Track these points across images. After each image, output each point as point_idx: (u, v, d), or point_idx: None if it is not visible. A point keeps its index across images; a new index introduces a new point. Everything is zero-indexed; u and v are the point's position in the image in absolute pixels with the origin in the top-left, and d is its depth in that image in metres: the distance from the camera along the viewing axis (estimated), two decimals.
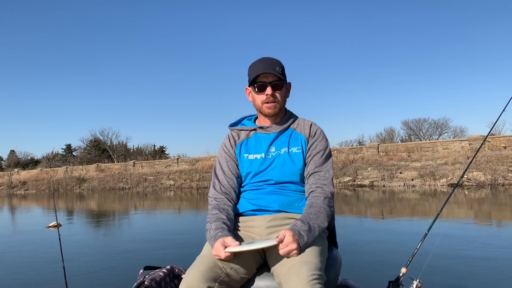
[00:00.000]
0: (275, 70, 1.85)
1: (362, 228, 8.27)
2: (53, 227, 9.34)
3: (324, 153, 1.89)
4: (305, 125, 1.96)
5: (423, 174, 20.14)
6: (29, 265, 5.38)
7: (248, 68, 1.94)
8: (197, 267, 1.53)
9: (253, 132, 1.98)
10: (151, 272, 1.97)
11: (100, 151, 50.57)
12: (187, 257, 5.25)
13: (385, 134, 44.59)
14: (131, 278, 2.26)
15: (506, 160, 18.68)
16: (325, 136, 1.95)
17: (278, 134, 1.93)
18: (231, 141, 1.99)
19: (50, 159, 52.58)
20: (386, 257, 5.18)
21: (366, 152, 25.87)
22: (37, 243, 7.28)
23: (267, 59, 1.91)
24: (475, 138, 22.51)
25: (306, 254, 1.54)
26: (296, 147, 1.90)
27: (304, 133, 1.93)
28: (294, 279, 1.42)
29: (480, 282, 3.95)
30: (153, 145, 54.62)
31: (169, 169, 32.83)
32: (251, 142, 1.96)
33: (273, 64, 1.87)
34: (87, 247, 6.90)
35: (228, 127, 2.08)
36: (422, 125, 43.93)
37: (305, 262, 1.49)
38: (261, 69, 1.85)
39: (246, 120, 2.07)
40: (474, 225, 8.13)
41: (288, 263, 1.51)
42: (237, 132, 2.02)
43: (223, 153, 1.98)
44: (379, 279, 3.80)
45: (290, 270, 1.47)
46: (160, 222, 10.65)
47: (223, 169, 1.94)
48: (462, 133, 41.15)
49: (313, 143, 1.90)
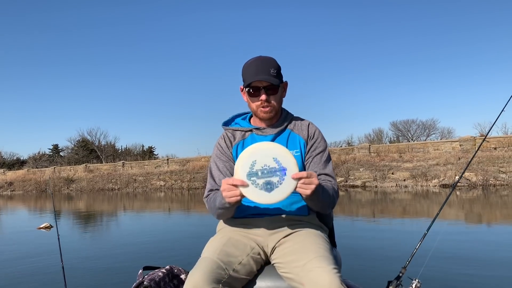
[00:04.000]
0: (269, 74, 1.77)
1: (361, 228, 8.26)
2: (45, 228, 9.12)
3: (324, 154, 1.87)
4: (302, 125, 1.92)
5: (415, 174, 20.25)
6: (27, 267, 5.23)
7: (242, 67, 1.85)
8: (201, 268, 1.50)
9: (249, 133, 1.92)
10: (150, 272, 1.97)
11: (88, 152, 49.95)
12: (187, 257, 5.19)
13: (373, 135, 44.88)
14: (130, 278, 2.24)
15: (497, 161, 18.90)
16: (323, 136, 1.93)
17: (275, 136, 1.87)
18: (227, 142, 1.93)
19: (37, 160, 51.73)
20: (385, 257, 5.21)
21: (358, 152, 25.96)
22: (30, 245, 7.10)
23: (262, 60, 1.81)
24: (466, 139, 22.77)
25: (322, 249, 1.58)
26: (294, 150, 1.86)
27: (302, 135, 1.89)
28: (318, 271, 1.44)
29: (480, 282, 3.98)
30: (142, 146, 54.18)
31: (159, 169, 32.55)
32: (247, 144, 1.88)
33: (267, 67, 1.78)
34: (83, 247, 6.83)
35: (222, 126, 2.01)
36: (410, 126, 44.33)
37: (323, 257, 1.52)
38: (254, 73, 1.77)
39: (240, 119, 2.00)
40: (473, 225, 8.20)
41: (305, 258, 1.52)
42: (232, 132, 1.95)
43: (219, 153, 1.92)
44: (378, 279, 3.79)
45: (310, 263, 1.49)
46: (159, 223, 10.53)
47: (220, 169, 1.88)
48: (449, 134, 41.64)
49: (312, 145, 1.87)
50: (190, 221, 10.67)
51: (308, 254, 1.54)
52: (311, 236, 1.71)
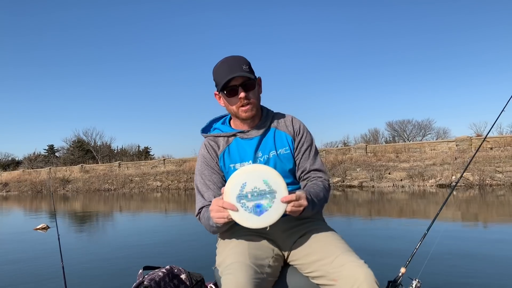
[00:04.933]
0: (242, 70, 1.72)
1: (360, 228, 8.22)
2: (41, 229, 9.05)
3: (311, 148, 1.87)
4: (286, 121, 1.88)
5: (411, 174, 20.29)
6: (27, 267, 5.19)
7: (212, 72, 1.79)
8: (239, 274, 1.46)
9: (232, 138, 1.84)
10: (150, 272, 1.98)
11: (83, 152, 49.73)
12: (187, 257, 5.16)
13: (369, 135, 44.95)
14: (130, 278, 2.22)
15: (493, 161, 18.97)
16: (307, 129, 1.91)
17: (261, 137, 1.82)
18: (211, 152, 1.84)
19: (32, 160, 51.44)
20: (385, 257, 5.20)
21: (354, 153, 25.98)
22: (27, 245, 7.04)
23: (231, 59, 1.76)
24: (462, 139, 22.85)
25: (345, 245, 1.62)
26: (283, 148, 1.83)
27: (288, 131, 1.85)
28: (351, 265, 1.47)
29: (480, 281, 3.97)
30: (138, 146, 54.01)
31: (155, 170, 32.43)
32: (233, 150, 1.82)
33: (238, 64, 1.73)
34: (82, 248, 6.80)
35: (201, 134, 1.93)
36: (406, 127, 44.45)
37: (350, 251, 1.56)
38: (228, 72, 1.71)
39: (219, 124, 1.92)
40: (472, 225, 8.21)
41: (332, 254, 1.54)
42: (213, 139, 1.87)
43: (204, 166, 1.83)
44: (378, 278, 3.77)
45: (338, 258, 1.51)
46: (158, 223, 10.48)
47: (207, 184, 1.80)
48: (445, 135, 41.78)
49: (300, 140, 1.85)
50: (189, 221, 10.61)
51: (335, 251, 1.55)
52: (328, 234, 1.72)
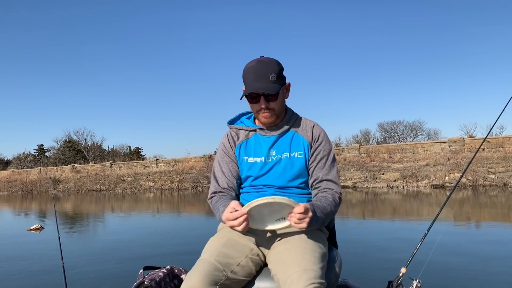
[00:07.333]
0: (268, 80, 1.73)
1: (361, 228, 8.29)
2: (35, 230, 8.89)
3: (328, 157, 1.84)
4: (307, 127, 1.89)
5: (405, 175, 20.40)
6: (26, 267, 5.11)
7: (243, 70, 1.82)
8: (198, 270, 1.51)
9: (253, 133, 1.92)
10: (151, 272, 1.98)
11: (74, 152, 49.35)
12: (187, 257, 5.08)
13: (361, 136, 45.22)
14: (130, 278, 2.22)
15: (486, 162, 19.15)
16: (328, 139, 1.91)
17: (279, 137, 1.86)
18: (231, 142, 1.93)
19: (22, 160, 50.90)
20: (385, 257, 5.21)
21: (348, 153, 26.09)
22: (23, 246, 6.92)
23: (260, 65, 1.76)
24: (455, 140, 23.09)
25: (306, 261, 1.52)
26: (298, 151, 1.84)
27: (307, 137, 1.86)
28: None
29: (480, 281, 3.98)
30: (129, 146, 53.72)
31: (148, 170, 32.26)
32: (250, 144, 1.90)
33: (266, 72, 1.74)
34: (81, 248, 6.74)
35: (227, 124, 2.01)
36: (397, 127, 44.86)
37: (305, 271, 1.47)
38: (253, 80, 1.75)
39: (245, 118, 1.99)
40: (472, 225, 8.26)
41: (289, 271, 1.49)
42: (236, 131, 1.96)
43: (223, 153, 1.93)
44: (379, 279, 3.82)
45: (290, 278, 1.46)
46: (155, 224, 10.37)
47: (223, 171, 1.90)
48: (435, 136, 42.20)
49: (316, 148, 1.84)
50: (189, 221, 10.55)
51: (293, 267, 1.50)
52: (303, 242, 1.66)
